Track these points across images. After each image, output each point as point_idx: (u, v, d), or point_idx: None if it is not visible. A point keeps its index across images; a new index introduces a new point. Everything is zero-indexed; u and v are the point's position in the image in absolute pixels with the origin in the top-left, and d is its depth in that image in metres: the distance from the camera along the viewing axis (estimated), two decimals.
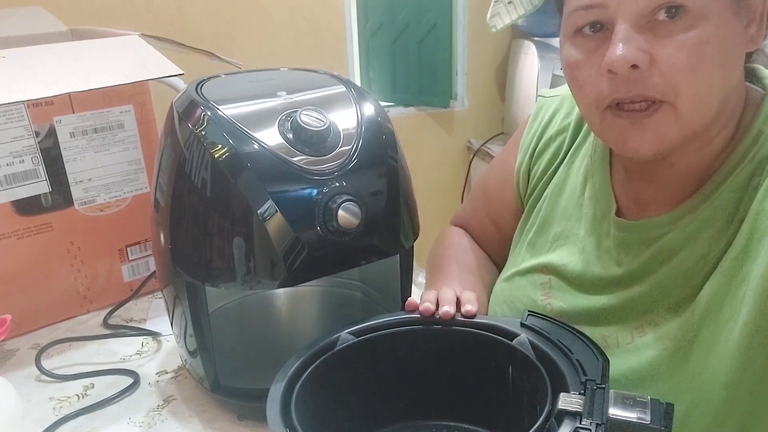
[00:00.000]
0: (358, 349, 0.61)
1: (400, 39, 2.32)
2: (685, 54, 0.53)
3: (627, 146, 0.58)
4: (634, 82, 0.55)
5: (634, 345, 0.62)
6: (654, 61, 0.54)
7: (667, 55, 0.53)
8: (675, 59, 0.53)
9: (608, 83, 0.56)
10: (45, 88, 0.77)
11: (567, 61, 0.60)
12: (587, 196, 0.71)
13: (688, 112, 0.55)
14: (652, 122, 0.56)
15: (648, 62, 0.54)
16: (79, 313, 0.96)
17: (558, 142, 0.77)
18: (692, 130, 0.57)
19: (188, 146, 0.64)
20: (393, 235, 0.69)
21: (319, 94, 0.71)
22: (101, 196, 0.94)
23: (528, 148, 0.80)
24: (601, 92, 0.57)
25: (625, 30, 0.54)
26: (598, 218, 0.69)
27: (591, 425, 0.46)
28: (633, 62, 0.53)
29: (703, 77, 0.54)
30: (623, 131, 0.58)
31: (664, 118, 0.56)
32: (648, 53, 0.54)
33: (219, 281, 0.66)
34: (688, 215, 0.61)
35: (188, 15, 1.95)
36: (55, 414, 0.74)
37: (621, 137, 0.58)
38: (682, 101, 0.55)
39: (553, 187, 0.76)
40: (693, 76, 0.54)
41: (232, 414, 0.73)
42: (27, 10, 1.20)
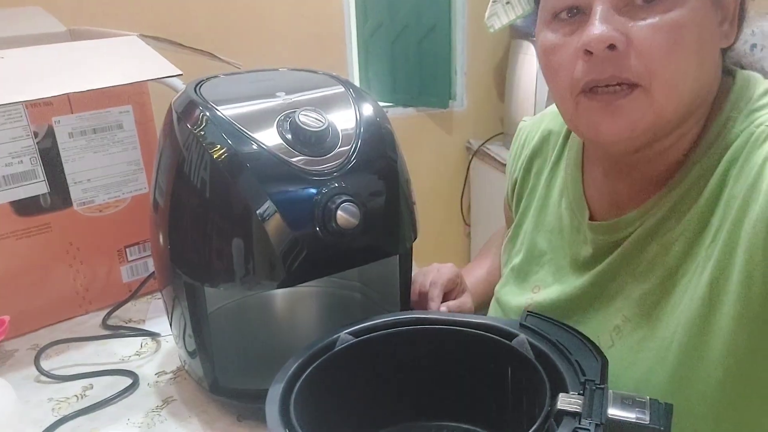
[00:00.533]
0: (357, 350, 0.61)
1: (399, 39, 2.32)
2: (662, 36, 0.53)
3: (600, 131, 0.58)
4: (609, 62, 0.54)
5: (614, 348, 0.63)
6: (631, 42, 0.53)
7: (644, 36, 0.53)
8: (652, 41, 0.53)
9: (583, 65, 0.56)
10: (44, 88, 0.77)
11: (543, 46, 0.60)
12: (564, 207, 0.72)
13: (661, 98, 0.55)
14: (625, 105, 0.55)
15: (625, 43, 0.53)
16: (78, 314, 0.96)
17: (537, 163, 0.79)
18: (664, 117, 0.56)
19: (187, 147, 0.64)
20: (392, 235, 0.69)
21: (317, 94, 0.70)
22: (100, 197, 0.94)
23: (511, 174, 0.84)
24: (576, 75, 0.57)
25: (604, 10, 0.54)
26: (575, 228, 0.70)
27: (590, 425, 0.46)
28: (610, 41, 0.53)
29: (678, 61, 0.54)
30: (596, 116, 0.57)
31: (638, 102, 0.55)
32: (625, 34, 0.53)
33: (218, 282, 0.66)
34: (654, 207, 0.61)
35: (187, 15, 1.95)
36: (54, 415, 0.74)
37: (594, 123, 0.58)
38: (657, 85, 0.54)
39: (537, 203, 0.77)
40: (669, 59, 0.53)
41: (232, 415, 0.73)
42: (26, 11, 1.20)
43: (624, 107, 0.55)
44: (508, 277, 0.80)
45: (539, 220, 0.76)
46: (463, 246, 2.61)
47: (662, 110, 0.56)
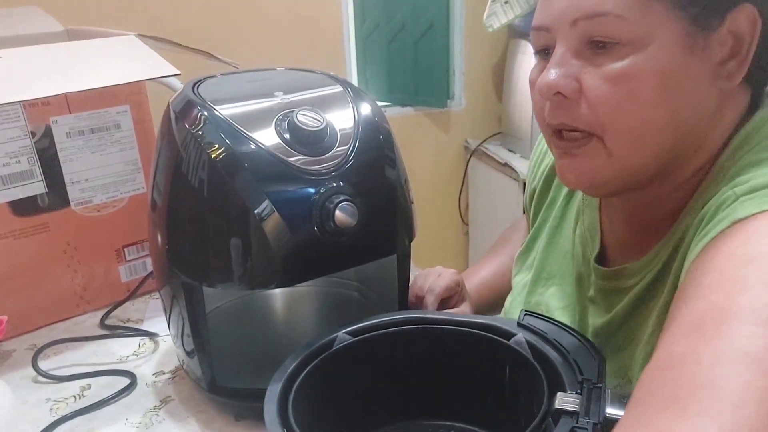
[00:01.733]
0: (355, 350, 0.61)
1: (396, 39, 2.32)
2: (611, 87, 0.50)
3: (563, 177, 0.58)
4: (561, 109, 0.53)
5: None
6: (582, 90, 0.52)
7: (593, 85, 0.51)
8: (599, 91, 0.51)
9: (547, 107, 0.55)
10: (41, 88, 0.77)
11: (530, 80, 0.59)
12: (577, 234, 0.70)
13: (619, 149, 0.52)
14: (581, 154, 0.54)
15: (576, 91, 0.52)
16: (76, 314, 0.96)
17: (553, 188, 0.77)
18: (627, 168, 0.54)
19: (185, 146, 0.64)
20: (390, 235, 0.69)
21: (315, 94, 0.70)
22: (98, 197, 0.94)
23: (530, 182, 0.82)
24: (546, 115, 0.56)
25: (560, 55, 0.53)
26: (587, 259, 0.68)
27: (588, 424, 0.46)
28: (556, 89, 0.52)
29: (632, 114, 0.51)
30: (560, 160, 0.57)
31: (595, 152, 0.53)
32: (578, 81, 0.52)
33: (216, 281, 0.66)
34: (656, 258, 0.57)
35: (185, 15, 1.95)
36: (52, 415, 0.74)
37: (559, 166, 0.57)
38: (610, 137, 0.52)
39: (552, 222, 0.75)
40: (620, 111, 0.51)
41: (230, 414, 0.73)
42: (23, 10, 1.20)
43: (581, 155, 0.54)
44: (515, 292, 0.79)
45: (552, 241, 0.74)
46: (461, 245, 2.61)
47: (623, 161, 0.53)
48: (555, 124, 0.55)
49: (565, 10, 0.52)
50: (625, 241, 0.64)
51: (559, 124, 0.54)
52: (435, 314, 0.66)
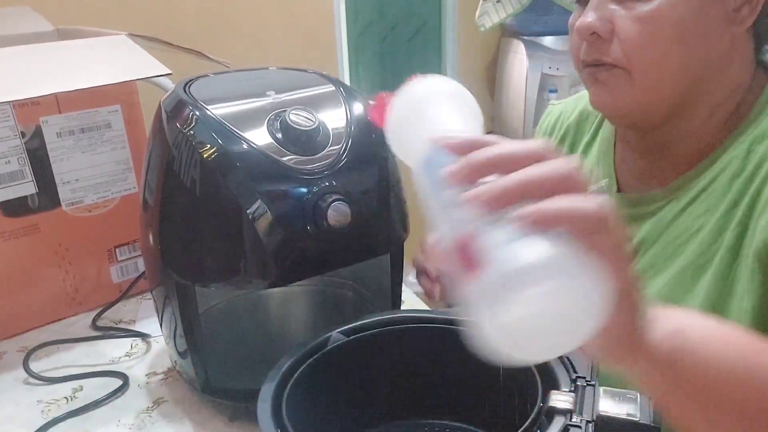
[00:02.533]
0: (349, 349, 0.61)
1: (389, 38, 2.32)
2: (639, 27, 0.59)
3: (593, 100, 0.66)
4: (595, 47, 0.62)
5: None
6: (615, 30, 0.60)
7: (623, 25, 0.59)
8: (630, 30, 0.59)
9: (584, 46, 0.64)
10: (31, 88, 0.77)
11: (569, 26, 0.68)
12: (595, 177, 0.76)
13: (641, 81, 0.61)
14: (605, 79, 0.63)
15: (609, 31, 0.60)
16: (68, 315, 0.96)
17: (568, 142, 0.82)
18: (647, 99, 0.62)
19: (177, 146, 0.64)
20: (383, 234, 0.69)
21: (308, 93, 0.70)
22: (89, 197, 0.93)
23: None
24: (581, 53, 0.65)
25: (594, 1, 0.61)
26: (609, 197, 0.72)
27: (581, 422, 0.46)
28: (592, 29, 0.60)
29: (655, 50, 0.59)
30: (590, 87, 0.66)
31: (618, 79, 0.62)
32: (611, 22, 0.60)
33: (209, 281, 0.66)
34: (683, 188, 0.65)
35: (176, 14, 1.94)
36: (44, 417, 0.74)
37: (591, 94, 0.66)
38: (636, 69, 0.60)
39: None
40: (643, 48, 0.59)
41: (224, 415, 0.73)
42: (14, 10, 1.19)
43: (605, 81, 0.63)
44: None
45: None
46: None
47: (645, 90, 0.61)
48: (589, 60, 0.63)
49: None
50: (645, 177, 0.70)
51: (592, 60, 0.63)
52: (429, 313, 0.66)
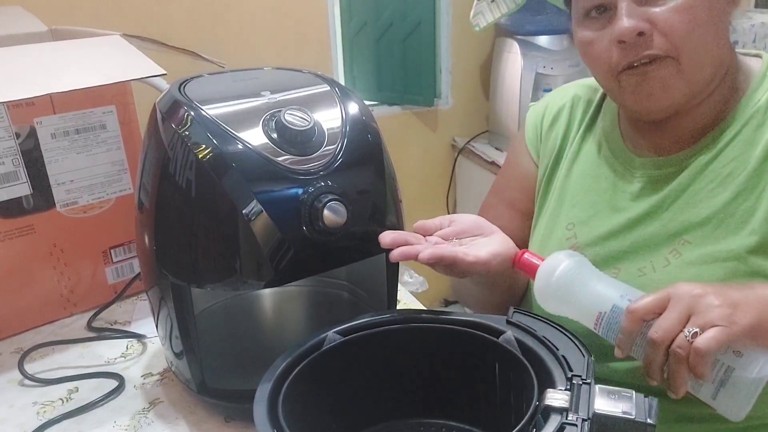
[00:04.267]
0: (345, 349, 0.61)
1: (384, 38, 2.32)
2: (680, 17, 0.64)
3: (642, 99, 0.68)
4: (641, 45, 0.65)
5: (671, 266, 0.69)
6: (655, 26, 0.64)
7: (664, 19, 0.64)
8: (672, 21, 0.64)
9: (619, 52, 0.67)
10: (25, 89, 0.76)
11: (581, 41, 0.71)
12: (603, 156, 0.79)
13: (689, 67, 0.66)
14: (657, 72, 0.66)
15: (650, 28, 0.64)
16: (63, 316, 0.95)
17: (560, 125, 0.85)
18: (695, 83, 0.67)
19: (172, 147, 0.64)
20: (379, 233, 0.69)
21: (303, 93, 0.70)
22: (84, 198, 0.93)
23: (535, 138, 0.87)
24: (614, 60, 0.67)
25: (627, 6, 0.65)
26: (619, 172, 0.77)
27: (577, 420, 0.47)
28: (638, 30, 0.64)
29: (697, 36, 0.65)
30: (636, 88, 0.68)
31: (668, 69, 0.66)
32: (648, 21, 0.64)
33: (204, 282, 0.66)
34: (707, 146, 0.70)
35: (170, 14, 1.94)
36: (39, 419, 0.74)
37: (637, 93, 0.68)
38: (684, 57, 0.65)
39: (567, 163, 0.82)
40: (689, 35, 0.64)
41: (220, 415, 0.73)
42: (6, 10, 1.19)
43: (656, 73, 0.66)
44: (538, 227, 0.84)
45: (570, 170, 0.81)
46: None
47: (692, 77, 0.66)
48: (636, 59, 0.66)
49: None
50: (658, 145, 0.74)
51: (641, 57, 0.66)
52: (424, 313, 0.66)
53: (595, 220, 0.77)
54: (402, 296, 0.96)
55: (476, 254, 0.66)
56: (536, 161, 0.87)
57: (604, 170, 0.78)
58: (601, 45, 0.68)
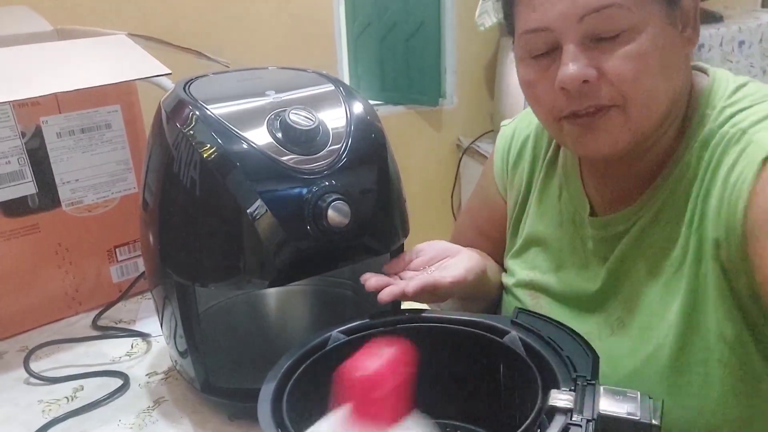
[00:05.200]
0: (349, 348, 0.61)
1: (388, 37, 2.32)
2: (629, 65, 0.58)
3: (586, 148, 0.64)
4: (585, 95, 0.60)
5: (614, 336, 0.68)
6: (602, 74, 0.59)
7: (612, 67, 0.59)
8: (620, 70, 0.58)
9: (563, 98, 0.61)
10: (31, 88, 0.77)
11: (523, 80, 0.66)
12: (564, 202, 0.76)
13: (636, 116, 0.60)
14: (602, 124, 0.61)
15: (596, 76, 0.59)
16: (68, 315, 0.96)
17: (526, 160, 0.82)
18: (642, 132, 0.62)
19: (177, 146, 0.64)
20: (383, 233, 0.69)
21: (307, 92, 0.70)
22: (89, 197, 0.93)
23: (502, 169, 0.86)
24: (558, 106, 0.62)
25: (572, 50, 0.59)
26: (577, 222, 0.74)
27: (581, 421, 0.47)
28: (583, 78, 0.59)
29: (647, 84, 0.59)
30: (580, 137, 0.63)
31: (614, 120, 0.61)
32: (595, 68, 0.59)
33: (209, 281, 0.66)
34: (647, 204, 0.66)
35: (175, 14, 1.94)
36: (44, 417, 0.74)
37: (579, 142, 0.64)
38: (631, 106, 0.60)
39: (534, 200, 0.80)
40: (638, 84, 0.59)
41: (224, 414, 0.73)
42: (12, 10, 1.19)
43: (602, 125, 0.61)
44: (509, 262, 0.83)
45: (539, 212, 0.79)
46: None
47: (639, 126, 0.61)
48: (581, 109, 0.61)
49: (569, 9, 0.58)
50: (611, 198, 0.71)
51: (587, 107, 0.61)
52: (428, 313, 0.66)
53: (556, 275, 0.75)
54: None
55: (452, 274, 0.70)
56: (504, 197, 0.86)
57: (567, 217, 0.75)
58: (544, 87, 0.63)
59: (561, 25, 0.59)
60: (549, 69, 0.62)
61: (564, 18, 0.59)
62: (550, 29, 0.60)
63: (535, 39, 0.62)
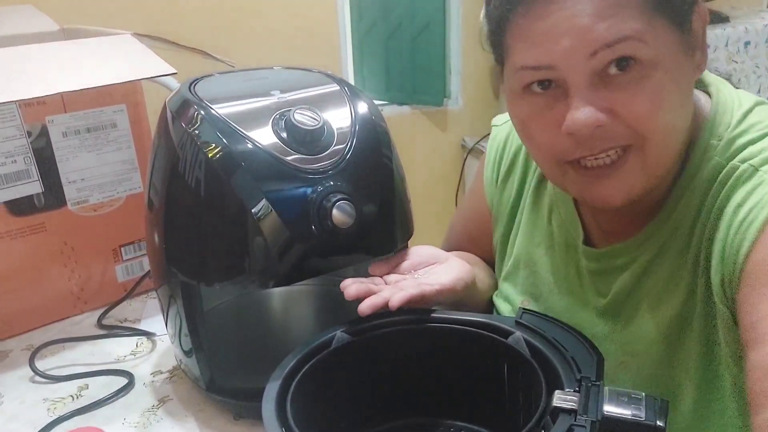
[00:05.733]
0: (353, 348, 0.61)
1: (393, 37, 2.32)
2: (647, 103, 0.52)
3: (595, 198, 0.58)
4: (598, 138, 0.54)
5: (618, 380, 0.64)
6: (616, 115, 0.53)
7: (627, 106, 0.52)
8: (637, 109, 0.52)
9: (570, 142, 0.55)
10: (37, 87, 0.77)
11: (519, 117, 0.59)
12: (555, 225, 0.72)
13: (654, 156, 0.55)
14: (619, 173, 0.55)
15: (610, 118, 0.53)
16: (73, 314, 0.96)
17: (516, 173, 0.77)
18: (657, 175, 0.57)
19: (182, 146, 0.64)
20: (387, 233, 0.69)
21: (312, 92, 0.70)
22: (94, 196, 0.94)
23: (491, 180, 0.81)
24: (562, 150, 0.56)
25: (582, 92, 0.53)
26: (571, 247, 0.70)
27: (586, 422, 0.46)
28: (597, 124, 0.53)
29: (666, 121, 0.54)
30: (589, 185, 0.57)
31: (630, 164, 0.55)
32: (608, 109, 0.53)
33: (214, 281, 0.66)
34: (650, 239, 0.61)
35: (181, 14, 1.95)
36: (50, 415, 0.74)
37: (587, 190, 0.58)
38: (649, 146, 0.54)
39: (524, 218, 0.76)
40: (657, 122, 0.53)
41: (228, 413, 0.73)
42: (18, 9, 1.19)
43: (619, 174, 0.56)
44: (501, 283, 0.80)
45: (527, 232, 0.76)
46: None
47: (656, 167, 0.56)
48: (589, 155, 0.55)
49: (578, 44, 0.51)
50: (608, 228, 0.66)
51: (602, 150, 0.55)
52: (433, 313, 0.66)
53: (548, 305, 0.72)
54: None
55: (440, 282, 0.66)
56: (492, 212, 0.81)
57: (559, 241, 0.71)
58: (543, 128, 0.56)
59: (568, 62, 0.52)
60: (551, 108, 0.55)
61: (571, 55, 0.51)
62: (553, 66, 0.53)
63: (534, 75, 0.55)
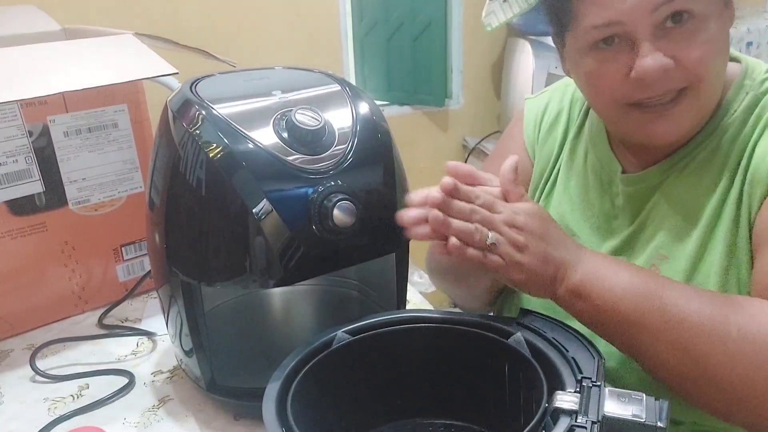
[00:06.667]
0: (354, 348, 0.61)
1: (394, 37, 2.32)
2: (702, 51, 0.62)
3: (652, 135, 0.66)
4: (662, 81, 0.62)
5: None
6: (678, 61, 0.61)
7: (687, 54, 0.61)
8: (694, 56, 0.61)
9: (634, 87, 0.63)
10: (38, 87, 0.77)
11: (587, 72, 0.67)
12: (590, 165, 0.79)
13: (706, 96, 0.64)
14: (676, 111, 0.64)
15: (674, 64, 0.61)
16: (74, 313, 0.96)
17: (559, 130, 0.84)
18: (707, 113, 0.67)
19: (183, 145, 0.64)
20: (388, 233, 0.69)
21: (313, 92, 0.70)
22: (95, 196, 0.94)
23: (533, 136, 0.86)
24: (626, 94, 0.64)
25: (650, 42, 0.61)
26: (606, 183, 0.77)
27: (586, 423, 0.46)
28: (664, 69, 0.61)
29: (717, 65, 0.63)
30: (648, 124, 0.65)
31: (688, 104, 0.64)
32: (671, 56, 0.61)
33: (214, 280, 0.66)
34: (685, 158, 0.69)
35: (182, 13, 1.95)
36: (50, 414, 0.74)
37: (645, 129, 0.66)
38: (704, 87, 0.63)
39: (563, 172, 0.82)
40: (710, 67, 0.62)
41: (229, 413, 0.73)
42: (20, 9, 1.19)
43: (675, 113, 0.64)
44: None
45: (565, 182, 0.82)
46: None
47: (707, 107, 0.66)
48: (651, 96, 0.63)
49: (643, 1, 0.60)
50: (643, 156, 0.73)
51: (660, 94, 0.63)
52: (434, 313, 0.66)
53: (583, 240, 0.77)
54: (411, 296, 0.96)
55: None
56: (532, 159, 0.86)
57: (594, 180, 0.78)
58: (611, 78, 0.65)
59: (634, 18, 0.61)
60: (616, 59, 0.63)
61: (636, 10, 0.60)
62: (621, 22, 0.61)
63: (603, 32, 0.63)
